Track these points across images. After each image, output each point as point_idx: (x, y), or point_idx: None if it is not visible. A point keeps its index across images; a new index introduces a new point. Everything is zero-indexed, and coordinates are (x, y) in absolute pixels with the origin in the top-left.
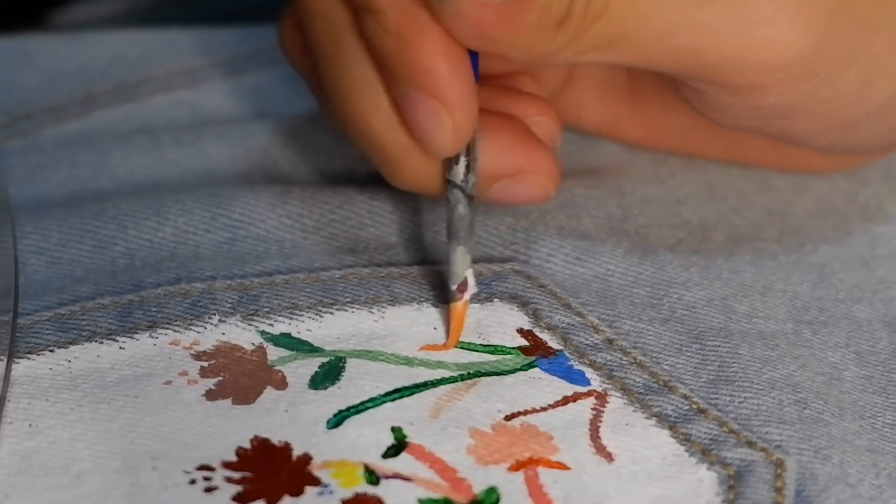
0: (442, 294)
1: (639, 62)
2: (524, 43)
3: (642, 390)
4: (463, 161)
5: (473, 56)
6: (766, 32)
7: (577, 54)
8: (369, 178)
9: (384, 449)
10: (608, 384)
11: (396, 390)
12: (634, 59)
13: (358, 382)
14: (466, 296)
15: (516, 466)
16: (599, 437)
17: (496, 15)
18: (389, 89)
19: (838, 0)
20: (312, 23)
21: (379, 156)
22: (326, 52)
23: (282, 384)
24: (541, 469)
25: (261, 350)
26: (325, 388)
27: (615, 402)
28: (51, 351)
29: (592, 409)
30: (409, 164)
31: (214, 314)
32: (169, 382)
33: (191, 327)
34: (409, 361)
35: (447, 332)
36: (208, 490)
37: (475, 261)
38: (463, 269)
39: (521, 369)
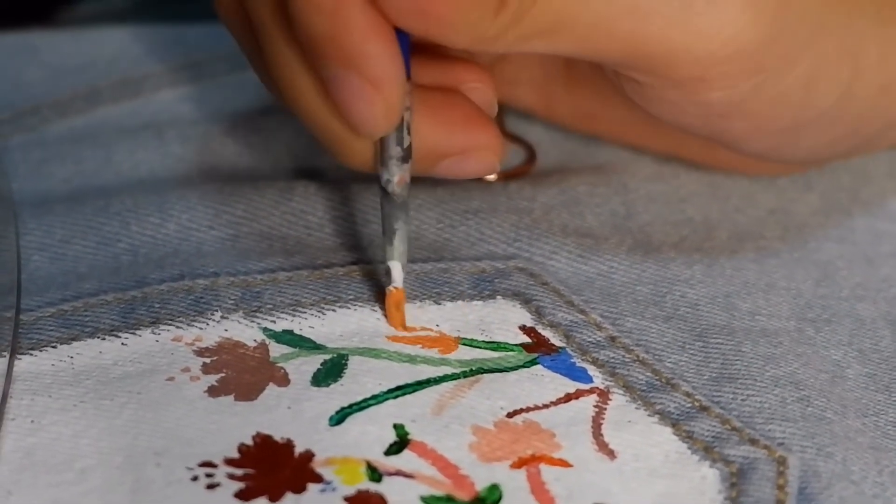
0: (444, 291)
1: (582, 51)
2: (463, 25)
3: (645, 388)
4: (396, 145)
5: (405, 39)
6: (710, 20)
7: (520, 40)
8: (373, 175)
9: (387, 446)
10: (611, 381)
11: (399, 387)
12: (578, 47)
13: (360, 379)
14: (397, 283)
15: (519, 463)
16: (602, 435)
17: None
18: (317, 70)
19: None
20: None
21: (319, 136)
22: (256, 26)
23: (284, 381)
24: (543, 466)
25: (263, 347)
26: (328, 385)
27: (617, 399)
28: (53, 347)
29: (595, 406)
30: (350, 144)
31: (217, 311)
32: (171, 379)
33: (193, 324)
34: (411, 359)
35: (387, 317)
36: (211, 487)
37: (478, 257)
38: (403, 253)
39: (523, 366)
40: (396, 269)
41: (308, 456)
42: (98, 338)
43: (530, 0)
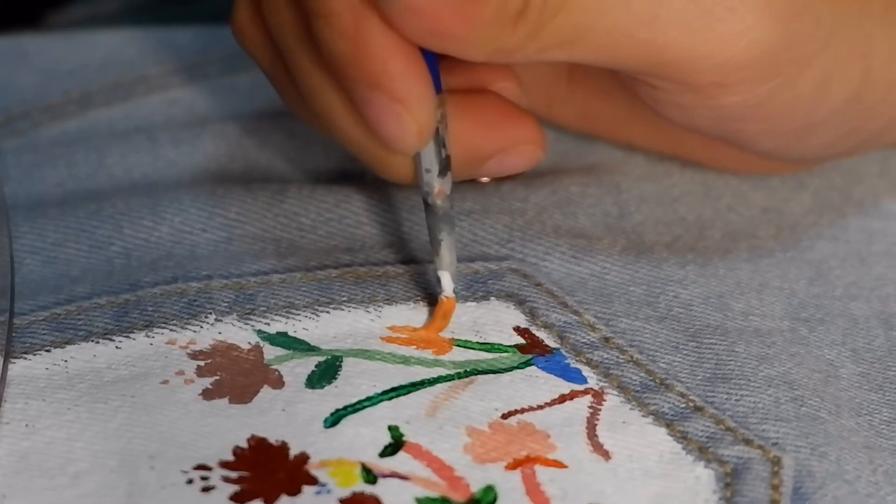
0: (438, 292)
1: (602, 59)
2: (481, 39)
3: (639, 388)
4: (434, 158)
5: (433, 58)
6: (730, 26)
7: (539, 52)
8: (366, 176)
9: (381, 448)
10: (605, 382)
11: (393, 389)
12: (598, 56)
13: (355, 381)
14: (447, 293)
15: (513, 465)
16: (596, 435)
17: (449, 10)
18: (348, 92)
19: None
20: (269, 20)
21: (357, 153)
22: (283, 53)
23: (278, 383)
24: (538, 467)
25: (257, 349)
26: (322, 387)
27: (612, 400)
28: (47, 351)
29: (589, 407)
30: (389, 160)
31: (211, 313)
32: (166, 382)
33: (187, 327)
34: (405, 360)
35: (431, 320)
36: (205, 490)
37: (471, 259)
38: (451, 263)
39: (517, 367)
40: (446, 279)
41: (303, 458)
42: (92, 341)
43: (550, 13)
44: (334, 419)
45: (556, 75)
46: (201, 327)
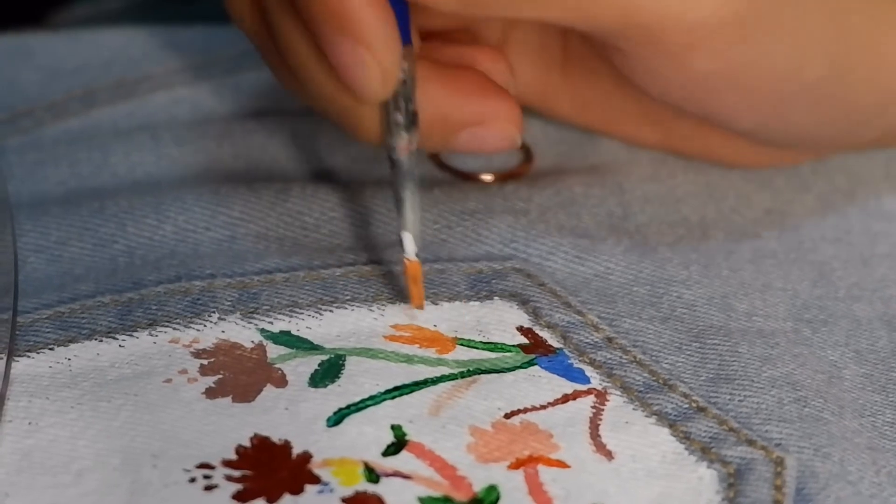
0: (442, 292)
1: (573, 19)
2: None
3: (642, 388)
4: (401, 111)
5: (404, 5)
6: None
7: (509, 5)
8: (369, 175)
9: (384, 447)
10: (608, 382)
11: (396, 388)
12: (568, 15)
13: (358, 380)
14: (409, 255)
15: (516, 464)
16: (599, 436)
17: None
18: (316, 39)
19: None
20: None
21: (331, 112)
22: (266, 11)
23: (281, 382)
24: (541, 467)
25: (260, 348)
26: (325, 385)
27: (615, 400)
28: (50, 349)
29: (592, 407)
30: (358, 116)
31: (214, 312)
32: (169, 380)
33: (190, 325)
34: (408, 359)
35: (407, 294)
36: (208, 488)
37: (475, 258)
38: (414, 223)
39: (521, 367)
40: (408, 240)
41: (306, 457)
42: (95, 340)
43: None
44: (337, 418)
45: (549, 64)
46: (205, 326)
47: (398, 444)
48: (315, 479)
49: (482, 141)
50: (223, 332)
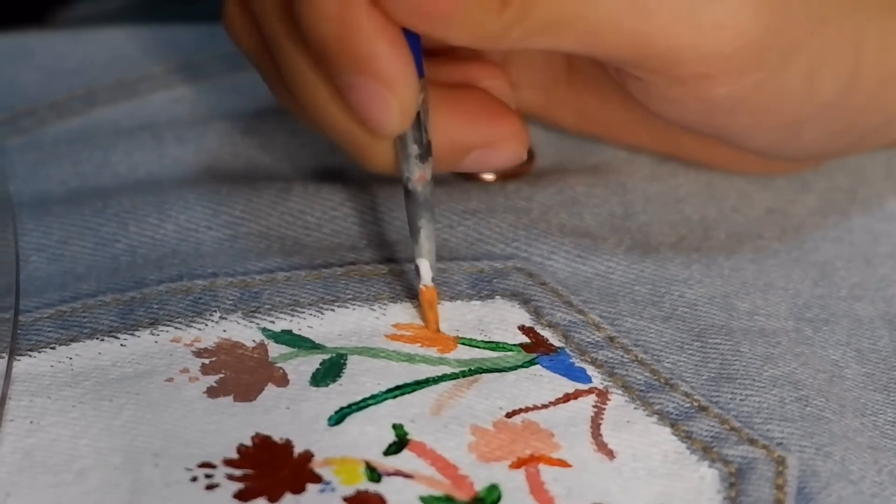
0: (443, 291)
1: (587, 48)
2: (466, 22)
3: (643, 388)
4: (415, 143)
5: (415, 38)
6: (715, 15)
7: (524, 37)
8: (371, 174)
9: (386, 446)
10: (609, 382)
11: (398, 387)
12: (582, 44)
13: (359, 379)
14: (426, 282)
15: (518, 463)
16: (601, 435)
17: None
18: (331, 76)
19: None
20: (255, 8)
21: (342, 143)
22: (269, 42)
23: (283, 381)
24: (542, 466)
25: (262, 347)
26: (327, 385)
27: (616, 399)
28: (52, 348)
29: (594, 406)
30: (372, 148)
31: (216, 311)
32: (170, 380)
33: (192, 324)
34: (410, 358)
35: (422, 317)
36: (210, 487)
37: (476, 257)
38: (430, 251)
39: (522, 366)
40: (424, 267)
41: (307, 456)
42: (97, 339)
43: None
44: (339, 417)
45: (554, 77)
46: (206, 325)
47: (400, 443)
48: (316, 479)
49: (490, 161)
50: (225, 331)
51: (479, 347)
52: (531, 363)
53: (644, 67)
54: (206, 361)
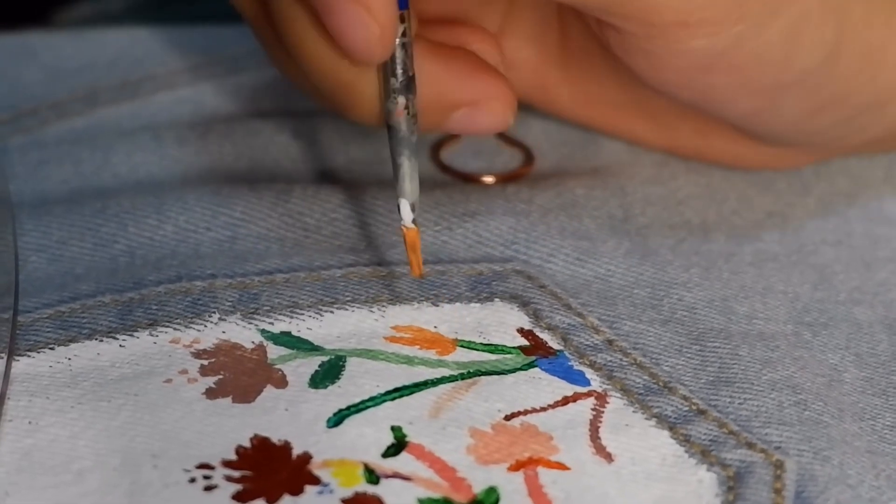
0: (442, 293)
1: None
2: None
3: (642, 391)
4: (398, 73)
5: None
6: None
7: None
8: (371, 176)
9: (384, 448)
10: (608, 385)
11: (396, 389)
12: None
13: (358, 381)
14: (406, 222)
15: (516, 466)
16: (599, 438)
17: None
18: (314, 6)
19: None
20: None
21: (328, 90)
22: None
23: (282, 383)
24: (540, 469)
25: (261, 348)
26: (326, 386)
27: (615, 402)
28: (51, 348)
29: (592, 409)
30: (357, 91)
31: (215, 312)
32: (169, 381)
33: (191, 325)
34: (409, 360)
35: (409, 260)
36: (208, 489)
37: (475, 260)
38: (412, 191)
39: (521, 369)
40: (405, 207)
41: (305, 458)
42: (95, 339)
43: None
44: (337, 419)
45: (548, 56)
46: (205, 326)
47: (398, 445)
48: (315, 480)
49: (476, 121)
50: (224, 332)
51: (477, 350)
52: (530, 366)
53: (621, 15)
54: (205, 363)
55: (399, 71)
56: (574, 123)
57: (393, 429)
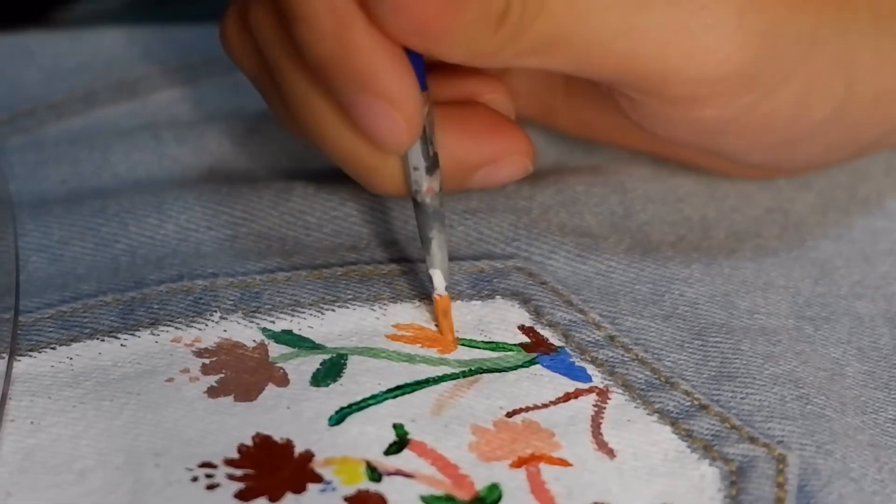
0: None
1: (579, 68)
2: (462, 40)
3: (644, 387)
4: (422, 155)
5: (419, 59)
6: (704, 42)
7: (516, 56)
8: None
9: (386, 446)
10: (610, 381)
11: (398, 387)
12: (574, 64)
13: (360, 379)
14: (439, 291)
15: (518, 463)
16: (601, 434)
17: (435, 9)
18: (335, 96)
19: (782, 14)
20: (254, 30)
21: (347, 164)
22: (271, 64)
23: (283, 381)
24: (543, 465)
25: (262, 347)
26: (327, 385)
27: (617, 398)
28: (52, 348)
29: (594, 405)
30: (379, 168)
31: (216, 311)
32: (171, 380)
33: (192, 324)
34: (410, 358)
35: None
36: (210, 487)
37: (476, 257)
38: (442, 261)
39: (522, 366)
40: (437, 277)
41: (308, 456)
42: (97, 339)
43: (529, 17)
44: (339, 417)
45: (552, 87)
46: (206, 325)
47: (400, 442)
48: (317, 478)
49: (498, 177)
50: (225, 331)
51: (479, 347)
52: (531, 363)
53: (634, 88)
54: (207, 361)
55: (424, 152)
56: (575, 139)
57: (395, 426)
